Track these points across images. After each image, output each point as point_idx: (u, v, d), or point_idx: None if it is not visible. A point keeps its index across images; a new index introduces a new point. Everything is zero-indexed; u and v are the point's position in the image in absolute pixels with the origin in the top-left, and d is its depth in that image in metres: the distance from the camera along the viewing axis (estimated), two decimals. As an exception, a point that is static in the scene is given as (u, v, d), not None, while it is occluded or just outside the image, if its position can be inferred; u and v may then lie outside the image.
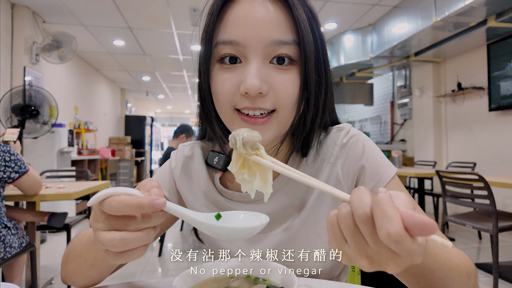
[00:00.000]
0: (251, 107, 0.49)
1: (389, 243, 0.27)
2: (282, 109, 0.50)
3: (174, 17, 4.15)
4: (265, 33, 0.48)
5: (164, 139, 13.73)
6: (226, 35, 0.49)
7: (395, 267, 0.29)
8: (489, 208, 2.13)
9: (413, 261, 0.29)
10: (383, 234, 0.26)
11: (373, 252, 0.30)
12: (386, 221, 0.26)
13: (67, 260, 0.56)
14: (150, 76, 7.36)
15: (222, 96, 0.51)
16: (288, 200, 0.60)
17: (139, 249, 0.36)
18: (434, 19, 3.33)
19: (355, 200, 0.30)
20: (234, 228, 0.39)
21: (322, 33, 0.54)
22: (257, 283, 0.46)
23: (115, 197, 0.35)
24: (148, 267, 2.78)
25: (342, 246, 0.32)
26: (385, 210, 0.27)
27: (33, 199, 1.88)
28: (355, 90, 5.85)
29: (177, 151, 0.69)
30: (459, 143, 4.57)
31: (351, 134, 0.60)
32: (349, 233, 0.30)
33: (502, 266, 2.59)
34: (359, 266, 0.31)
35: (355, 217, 0.29)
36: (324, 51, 0.54)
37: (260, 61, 0.49)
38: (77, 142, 5.25)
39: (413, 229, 0.26)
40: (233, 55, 0.50)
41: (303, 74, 0.50)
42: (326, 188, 0.34)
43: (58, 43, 3.93)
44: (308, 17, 0.51)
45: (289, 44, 0.49)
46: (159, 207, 0.34)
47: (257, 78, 0.47)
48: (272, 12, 0.48)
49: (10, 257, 1.67)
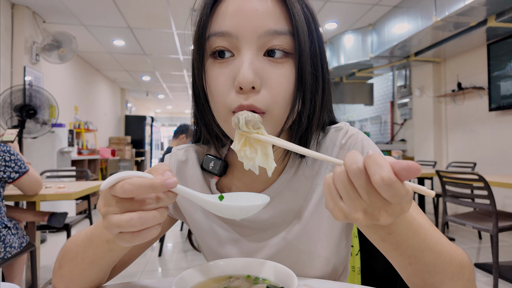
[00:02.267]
0: (245, 104, 0.46)
1: (382, 188, 0.30)
2: (274, 108, 0.48)
3: (174, 17, 4.15)
4: (258, 23, 0.46)
5: (164, 139, 13.73)
6: (218, 27, 0.48)
7: (387, 216, 0.32)
8: (489, 208, 2.14)
9: (403, 209, 0.32)
10: (377, 179, 0.30)
11: (366, 204, 0.32)
12: (378, 167, 0.30)
13: (61, 264, 0.53)
14: (150, 76, 7.36)
15: (217, 95, 0.49)
16: (287, 205, 0.59)
17: (154, 227, 0.38)
18: (434, 19, 3.33)
19: (348, 159, 0.33)
20: (237, 206, 0.42)
21: (318, 27, 0.52)
22: (257, 283, 0.46)
23: (127, 180, 0.36)
24: (148, 267, 2.78)
25: (337, 203, 0.34)
26: (376, 160, 0.30)
27: (33, 199, 1.88)
28: (355, 90, 5.85)
29: (171, 155, 0.66)
30: (459, 143, 4.57)
31: (350, 134, 0.59)
32: (343, 188, 0.33)
33: (502, 266, 2.59)
34: (354, 221, 0.34)
35: (348, 172, 0.32)
36: (320, 45, 0.52)
37: (253, 53, 0.47)
38: (77, 142, 5.25)
39: (401, 173, 0.30)
40: (225, 48, 0.48)
41: (298, 66, 0.48)
42: (321, 156, 0.38)
43: (58, 43, 3.94)
44: (303, 8, 0.50)
45: (283, 34, 0.47)
46: (171, 187, 0.36)
47: (250, 71, 0.45)
48: (265, 2, 0.47)
49: (10, 257, 1.67)
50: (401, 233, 0.40)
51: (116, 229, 0.37)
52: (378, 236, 0.41)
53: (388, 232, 0.40)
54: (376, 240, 0.42)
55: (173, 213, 0.65)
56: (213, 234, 0.62)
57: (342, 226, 0.59)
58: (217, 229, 0.62)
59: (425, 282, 0.44)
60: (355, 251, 0.77)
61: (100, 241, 0.47)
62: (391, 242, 0.41)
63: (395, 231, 0.40)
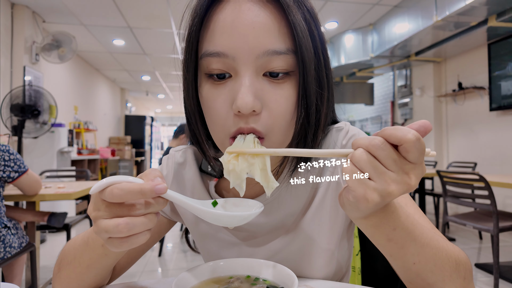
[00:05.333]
0: (244, 128, 0.44)
1: (414, 145, 0.32)
2: (274, 132, 0.46)
3: (174, 17, 4.15)
4: (256, 42, 0.43)
5: (164, 139, 13.73)
6: (212, 46, 0.44)
7: (415, 178, 0.34)
8: (490, 208, 2.13)
9: (423, 170, 0.35)
10: (411, 137, 0.32)
11: (394, 174, 0.34)
12: (402, 130, 0.33)
13: (59, 267, 0.53)
14: (150, 76, 7.36)
15: (215, 118, 0.46)
16: (287, 209, 0.57)
17: (143, 234, 0.37)
18: (435, 19, 3.33)
19: (362, 140, 0.34)
20: (229, 214, 0.41)
21: (323, 36, 0.48)
22: (257, 283, 0.46)
23: (117, 185, 0.35)
24: (148, 267, 2.78)
25: (368, 185, 0.34)
26: (395, 128, 0.33)
27: (33, 199, 1.88)
28: (355, 89, 5.85)
29: (168, 157, 0.65)
30: (459, 143, 4.56)
31: (351, 135, 0.57)
32: (370, 166, 0.34)
33: (503, 266, 2.59)
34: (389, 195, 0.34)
35: (371, 147, 0.34)
36: (325, 57, 0.49)
37: (252, 74, 0.43)
38: (77, 142, 5.25)
39: (420, 129, 0.33)
40: (222, 71, 0.45)
41: (302, 87, 0.45)
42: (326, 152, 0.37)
43: (58, 42, 3.93)
44: (306, 19, 0.45)
45: (284, 54, 0.43)
46: (161, 193, 0.36)
47: (250, 95, 0.42)
48: (262, 17, 0.43)
49: (10, 257, 1.67)
50: (403, 226, 0.41)
51: (104, 234, 0.36)
52: (384, 235, 0.41)
53: (393, 227, 0.40)
54: (382, 240, 0.42)
55: (170, 215, 0.64)
56: (212, 237, 0.62)
57: (344, 228, 0.58)
58: (216, 233, 0.61)
59: (427, 282, 0.44)
60: (356, 251, 0.77)
61: (96, 245, 0.47)
62: (397, 240, 0.41)
63: (398, 225, 0.40)
